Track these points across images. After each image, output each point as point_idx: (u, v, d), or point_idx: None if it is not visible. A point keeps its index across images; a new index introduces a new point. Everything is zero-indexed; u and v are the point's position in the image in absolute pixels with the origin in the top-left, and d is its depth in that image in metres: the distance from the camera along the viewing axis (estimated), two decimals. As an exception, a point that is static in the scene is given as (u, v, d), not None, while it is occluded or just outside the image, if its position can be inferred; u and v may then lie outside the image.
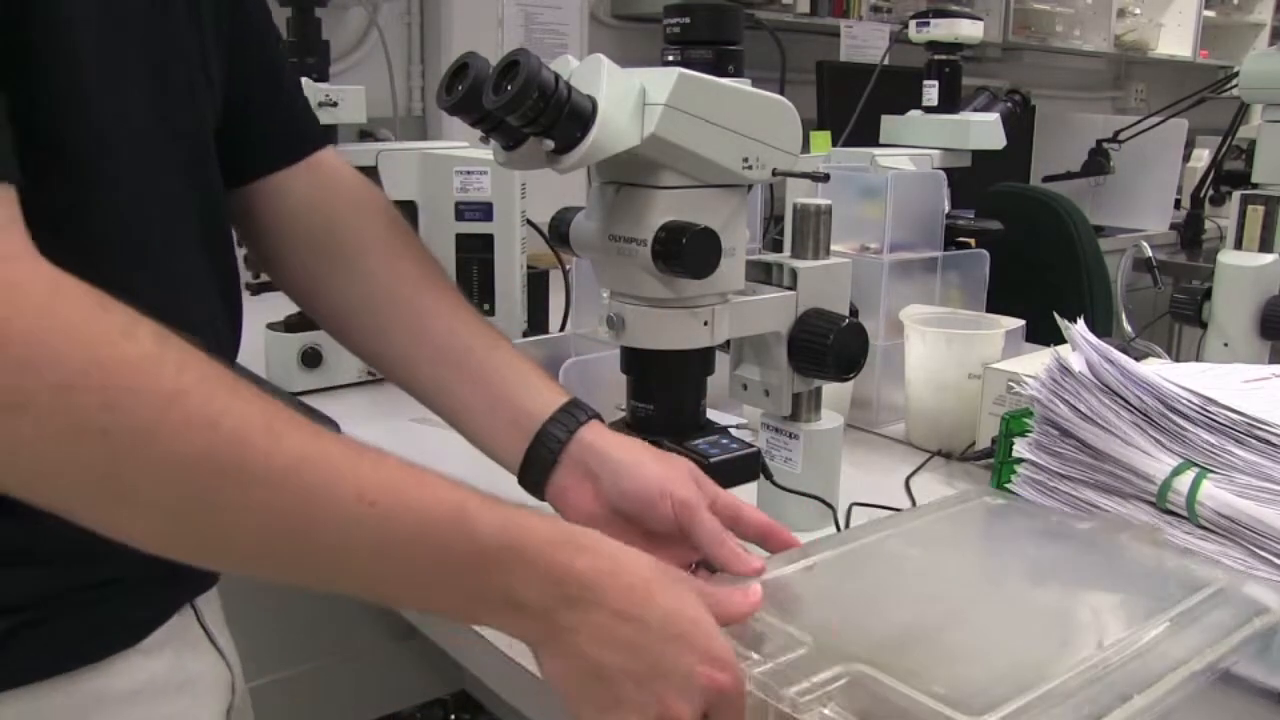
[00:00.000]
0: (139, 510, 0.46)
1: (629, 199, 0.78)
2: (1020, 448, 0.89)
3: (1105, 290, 2.16)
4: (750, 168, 0.79)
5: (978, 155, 1.57)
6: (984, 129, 1.56)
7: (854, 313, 0.91)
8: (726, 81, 0.78)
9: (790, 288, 0.88)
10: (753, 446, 0.84)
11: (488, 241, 1.40)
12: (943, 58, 1.59)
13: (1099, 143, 3.09)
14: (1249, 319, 1.36)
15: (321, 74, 1.37)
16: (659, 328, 0.81)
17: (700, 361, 0.84)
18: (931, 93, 1.59)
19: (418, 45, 2.34)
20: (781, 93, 0.81)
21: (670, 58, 0.91)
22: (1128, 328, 2.01)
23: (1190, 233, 3.08)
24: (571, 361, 1.13)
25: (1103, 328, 2.08)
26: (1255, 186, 1.39)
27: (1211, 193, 3.01)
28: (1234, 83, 1.86)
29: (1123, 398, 0.81)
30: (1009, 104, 1.66)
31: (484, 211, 1.39)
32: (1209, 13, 4.00)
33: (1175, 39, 3.96)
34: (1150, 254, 2.12)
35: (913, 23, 1.61)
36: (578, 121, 0.70)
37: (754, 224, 1.42)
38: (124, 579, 0.61)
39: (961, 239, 1.40)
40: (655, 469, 0.73)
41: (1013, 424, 0.96)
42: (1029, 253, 1.96)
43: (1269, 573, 0.72)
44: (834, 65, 2.66)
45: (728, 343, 0.87)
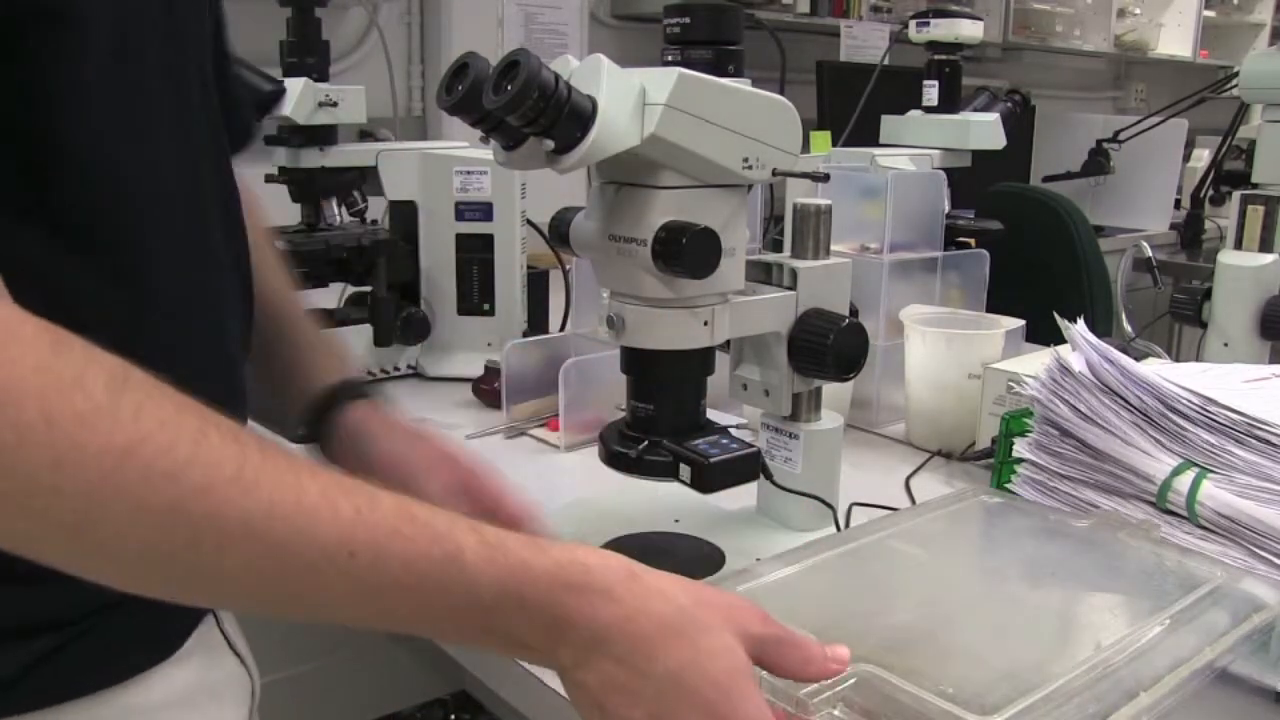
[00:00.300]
0: (108, 559, 0.45)
1: (629, 199, 0.78)
2: (1020, 448, 0.89)
3: (1105, 290, 2.16)
4: (750, 168, 0.79)
5: (978, 155, 1.57)
6: (984, 129, 1.56)
7: (854, 313, 0.91)
8: (726, 81, 0.78)
9: (790, 288, 0.88)
10: (753, 446, 0.84)
11: (488, 241, 1.40)
12: (943, 58, 1.59)
13: (1099, 143, 3.09)
14: (1249, 319, 1.36)
15: (321, 74, 1.37)
16: (659, 328, 0.81)
17: (700, 361, 0.84)
18: (931, 93, 1.59)
19: (418, 45, 2.34)
20: (781, 93, 0.81)
21: (670, 58, 0.91)
22: (1128, 328, 2.01)
23: (1190, 233, 3.08)
24: (571, 361, 1.13)
25: (1103, 328, 2.08)
26: (1255, 186, 1.39)
27: (1211, 193, 3.01)
28: (1234, 83, 1.86)
29: (1123, 398, 0.81)
30: (1009, 104, 1.66)
31: (484, 211, 1.39)
32: (1209, 13, 4.00)
33: (1175, 39, 3.96)
34: (1150, 254, 2.12)
35: (913, 23, 1.61)
36: (578, 121, 0.70)
37: (754, 224, 1.42)
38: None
39: (961, 239, 1.41)
40: (426, 466, 0.76)
41: (1013, 424, 0.96)
42: (1029, 253, 1.96)
43: (1269, 573, 0.72)
44: (834, 65, 2.66)
45: (728, 343, 0.87)
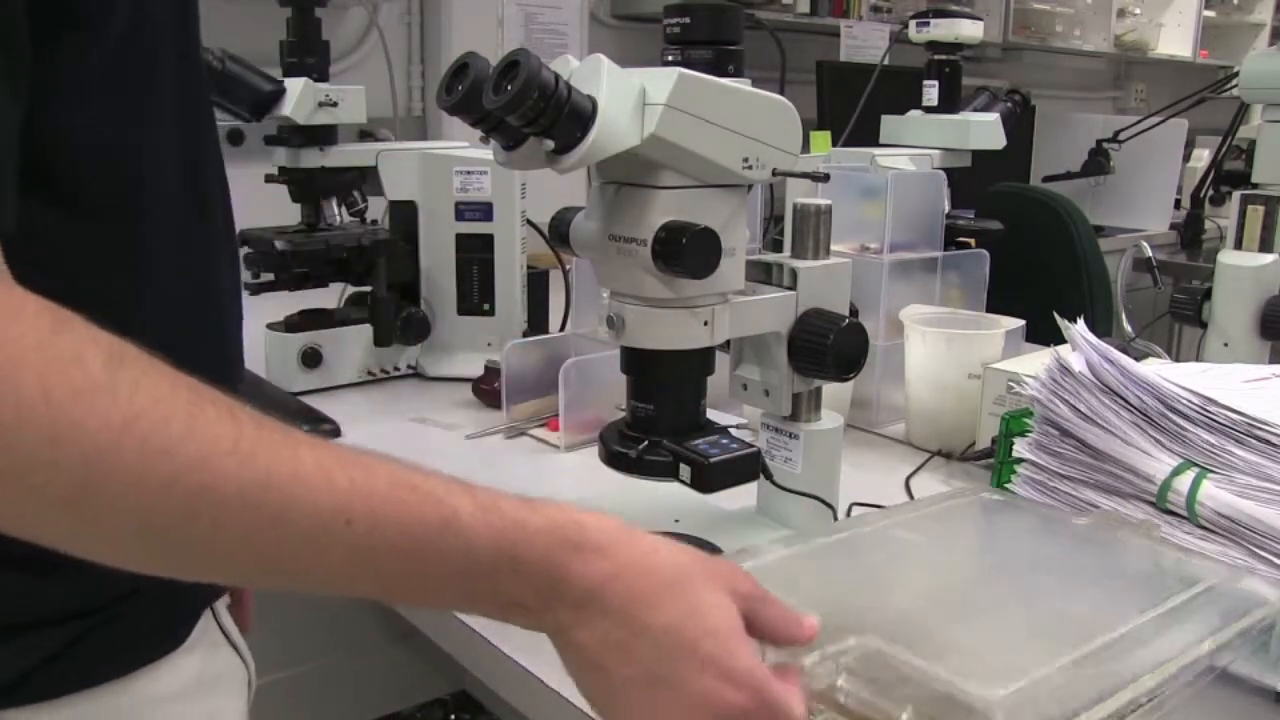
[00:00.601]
0: (108, 535, 0.45)
1: (629, 199, 0.78)
2: (1020, 448, 0.89)
3: (1105, 290, 2.16)
4: (750, 168, 0.79)
5: (978, 155, 1.57)
6: (984, 129, 1.56)
7: (854, 313, 0.91)
8: (726, 81, 0.78)
9: (790, 288, 0.88)
10: (753, 446, 0.84)
11: (488, 241, 1.40)
12: (943, 58, 1.59)
13: (1099, 143, 3.09)
14: (1249, 319, 1.36)
15: (321, 74, 1.37)
16: (659, 328, 0.81)
17: (700, 361, 0.84)
18: (931, 93, 1.59)
19: (418, 45, 2.34)
20: (781, 93, 0.81)
21: (670, 58, 0.91)
22: (1128, 328, 2.01)
23: (1190, 233, 3.08)
24: (571, 361, 1.13)
25: (1103, 328, 2.08)
26: (1255, 186, 1.39)
27: (1211, 193, 3.01)
28: (1234, 83, 1.86)
29: (1123, 398, 0.81)
30: (1009, 104, 1.66)
31: (484, 211, 1.39)
32: (1209, 13, 4.00)
33: (1175, 39, 3.96)
34: (1150, 254, 2.12)
35: (913, 23, 1.61)
36: (578, 121, 0.70)
37: (754, 224, 1.42)
38: (165, 582, 0.62)
39: (961, 239, 1.41)
40: None
41: (1013, 424, 0.96)
42: (1029, 253, 1.96)
43: (1269, 573, 0.72)
44: (834, 65, 2.66)
45: (728, 343, 0.87)
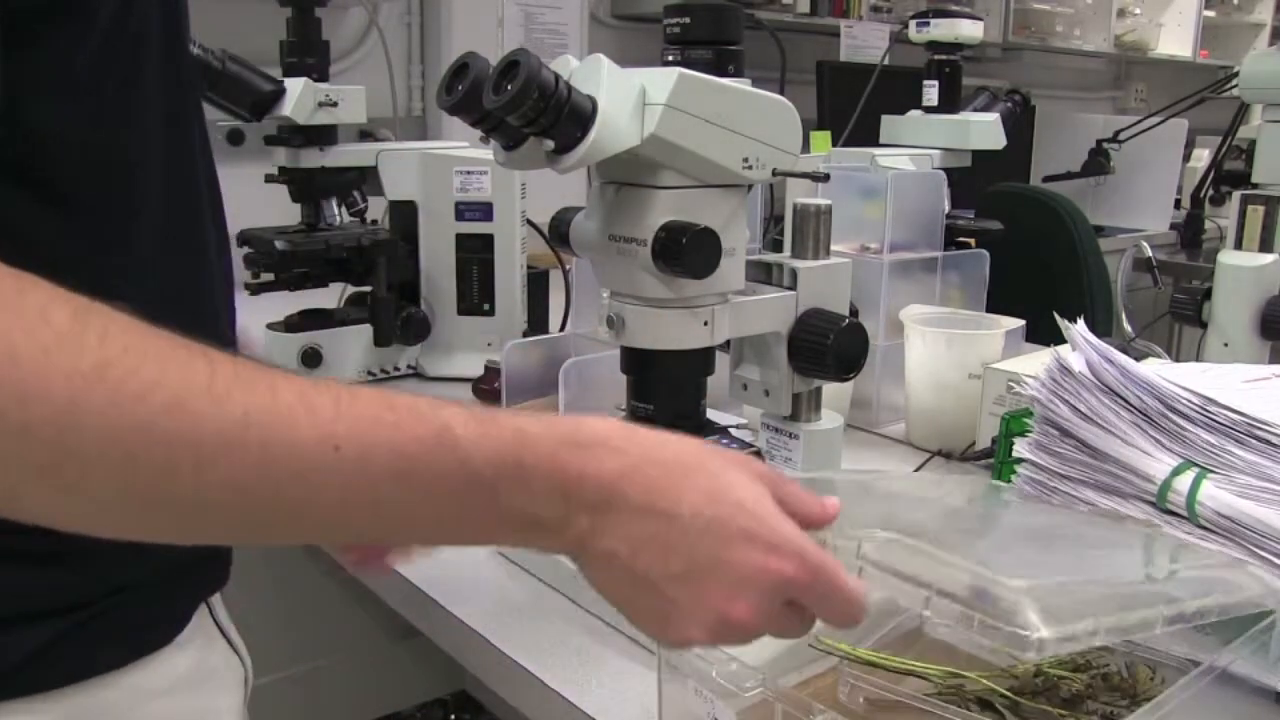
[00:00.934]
0: (89, 499, 0.43)
1: (629, 199, 0.78)
2: (1020, 448, 0.89)
3: (1105, 290, 2.16)
4: (750, 168, 0.79)
5: (978, 155, 1.57)
6: (984, 129, 1.56)
7: (854, 313, 0.91)
8: (726, 81, 0.78)
9: (790, 288, 0.88)
10: (753, 446, 0.84)
11: (488, 241, 1.40)
12: (943, 58, 1.59)
13: (1099, 143, 3.08)
14: (1249, 319, 1.36)
15: (321, 74, 1.37)
16: (659, 328, 0.81)
17: (700, 361, 0.84)
18: (931, 93, 1.59)
19: (418, 45, 2.34)
20: (781, 93, 0.81)
21: (670, 58, 0.91)
22: (1128, 328, 2.01)
23: (1190, 233, 3.08)
24: (571, 361, 1.13)
25: (1103, 328, 2.08)
26: (1255, 186, 1.39)
27: (1211, 193, 3.01)
28: (1234, 83, 1.86)
29: (1123, 398, 0.81)
30: (1009, 104, 1.66)
31: (484, 211, 1.39)
32: (1209, 13, 4.00)
33: (1175, 39, 3.96)
34: (1150, 254, 2.12)
35: (913, 23, 1.61)
36: (578, 121, 0.70)
37: (754, 224, 1.42)
38: (160, 575, 0.62)
39: (961, 239, 1.41)
40: None
41: (1013, 424, 0.96)
42: (1029, 253, 1.96)
43: (1270, 573, 0.72)
44: (834, 65, 2.66)
45: (728, 343, 0.87)
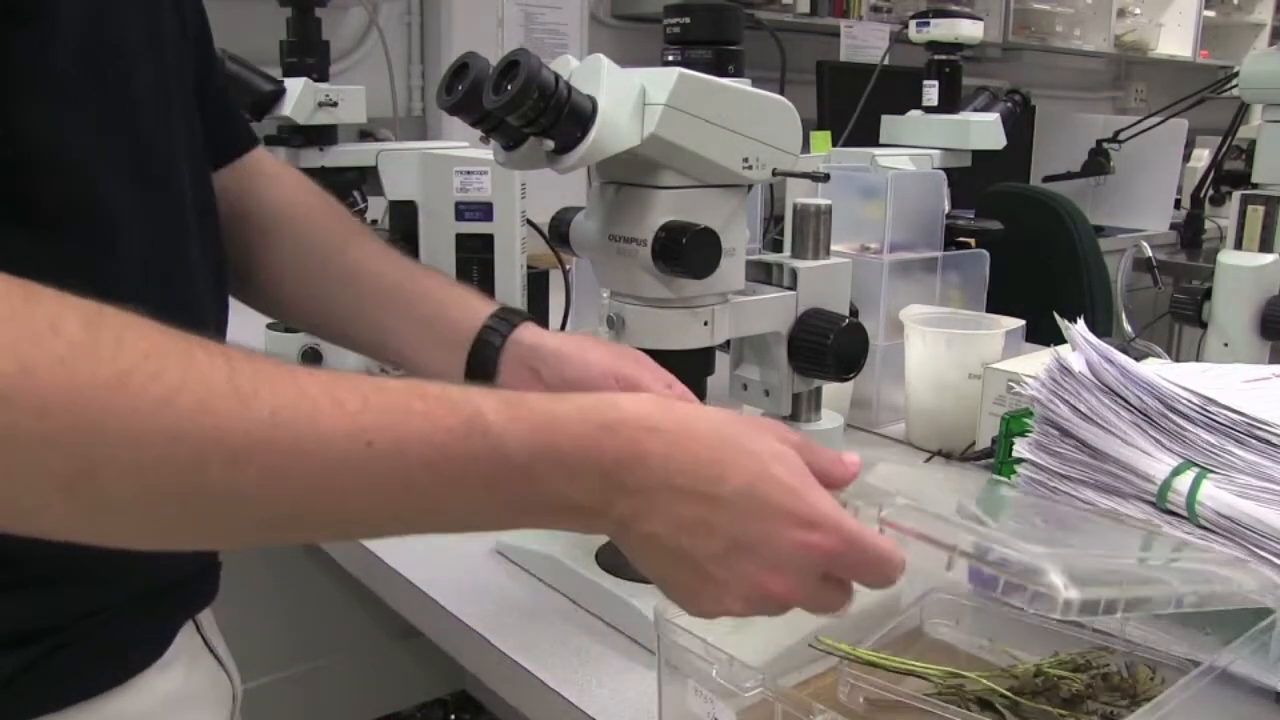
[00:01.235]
0: (121, 512, 0.41)
1: (629, 199, 0.78)
2: (1020, 448, 0.89)
3: (1105, 290, 2.16)
4: (750, 168, 0.79)
5: (978, 155, 1.57)
6: (984, 129, 1.56)
7: (854, 313, 0.91)
8: (726, 81, 0.78)
9: (790, 288, 0.88)
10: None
11: (488, 241, 1.40)
12: (943, 58, 1.59)
13: (1099, 143, 3.08)
14: (1249, 319, 1.36)
15: (321, 74, 1.37)
16: (659, 328, 0.81)
17: (700, 361, 0.84)
18: (931, 93, 1.59)
19: (418, 45, 2.34)
20: (781, 93, 0.81)
21: (670, 58, 0.91)
22: (1128, 328, 2.01)
23: (1190, 233, 3.08)
24: (571, 361, 1.13)
25: (1103, 328, 2.08)
26: (1255, 186, 1.39)
27: (1211, 193, 3.01)
28: (1234, 83, 1.86)
29: (1123, 398, 0.81)
30: (1009, 104, 1.66)
31: (484, 211, 1.39)
32: (1209, 13, 4.00)
33: (1175, 39, 3.96)
34: (1150, 254, 2.12)
35: (913, 23, 1.61)
36: (578, 121, 0.70)
37: (754, 224, 1.42)
38: (140, 597, 0.60)
39: (961, 239, 1.40)
40: (598, 354, 0.73)
41: (1013, 424, 0.96)
42: (1029, 253, 1.96)
43: (1270, 573, 0.72)
44: (834, 65, 2.66)
45: (728, 343, 0.87)
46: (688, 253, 0.75)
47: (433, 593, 0.85)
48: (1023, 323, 1.25)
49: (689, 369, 0.84)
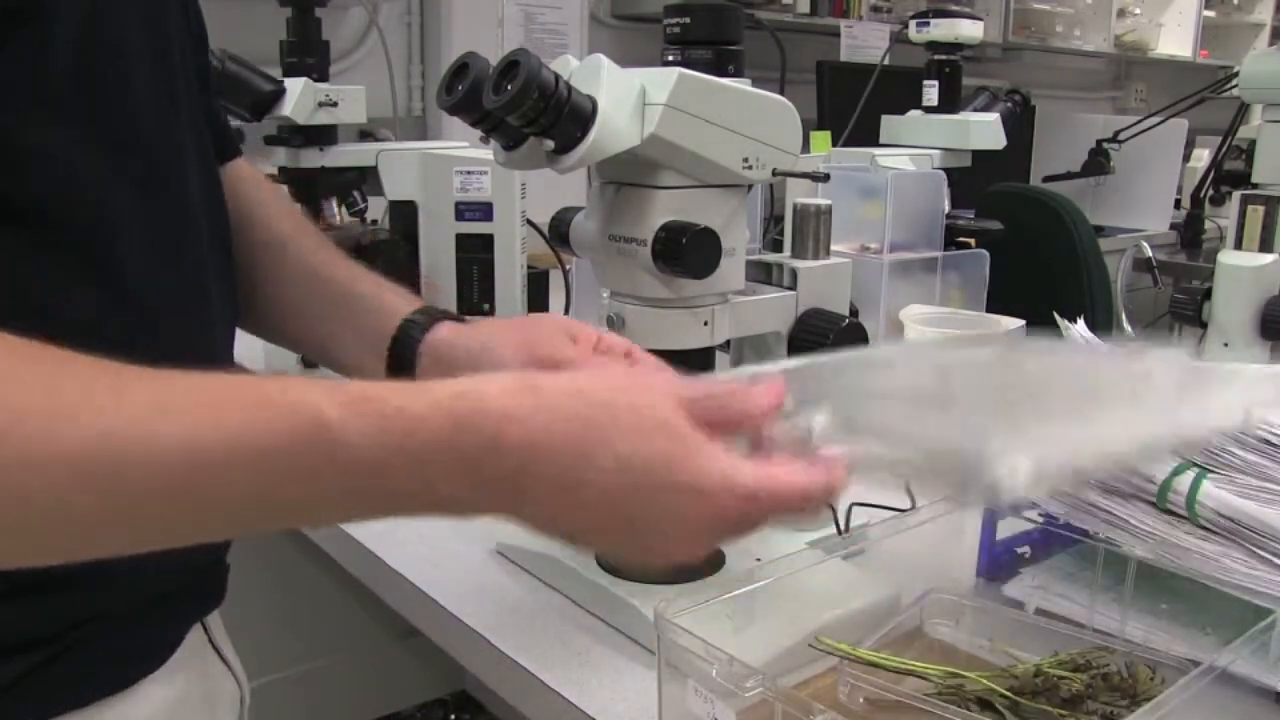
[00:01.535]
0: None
1: (629, 199, 0.78)
2: (1020, 448, 0.89)
3: (1105, 290, 2.16)
4: (750, 168, 0.79)
5: (978, 155, 1.57)
6: (984, 129, 1.56)
7: (854, 313, 0.91)
8: (726, 81, 0.78)
9: (790, 288, 0.88)
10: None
11: (488, 241, 1.40)
12: (943, 58, 1.59)
13: (1099, 143, 3.08)
14: (1249, 319, 1.36)
15: (321, 74, 1.37)
16: (659, 328, 0.81)
17: (700, 361, 0.84)
18: (931, 93, 1.59)
19: (418, 45, 2.34)
20: (781, 93, 0.81)
21: (670, 58, 0.91)
22: (1128, 328, 2.01)
23: (1190, 233, 3.08)
24: (571, 361, 1.13)
25: (1103, 328, 2.08)
26: (1255, 186, 1.39)
27: (1211, 193, 3.01)
28: (1234, 83, 1.86)
29: (1123, 398, 0.81)
30: (1009, 104, 1.66)
31: (484, 211, 1.39)
32: (1209, 13, 4.00)
33: (1175, 39, 3.96)
34: (1150, 254, 2.12)
35: (913, 23, 1.61)
36: (578, 121, 0.70)
37: (754, 224, 1.42)
38: (145, 603, 0.60)
39: (961, 239, 1.40)
40: (512, 339, 0.69)
41: (1013, 424, 0.96)
42: (1029, 253, 1.96)
43: (1270, 573, 0.72)
44: (834, 65, 2.66)
45: (728, 342, 0.87)
46: (688, 253, 0.75)
47: (433, 593, 0.85)
48: (1023, 323, 1.25)
49: (689, 369, 0.84)
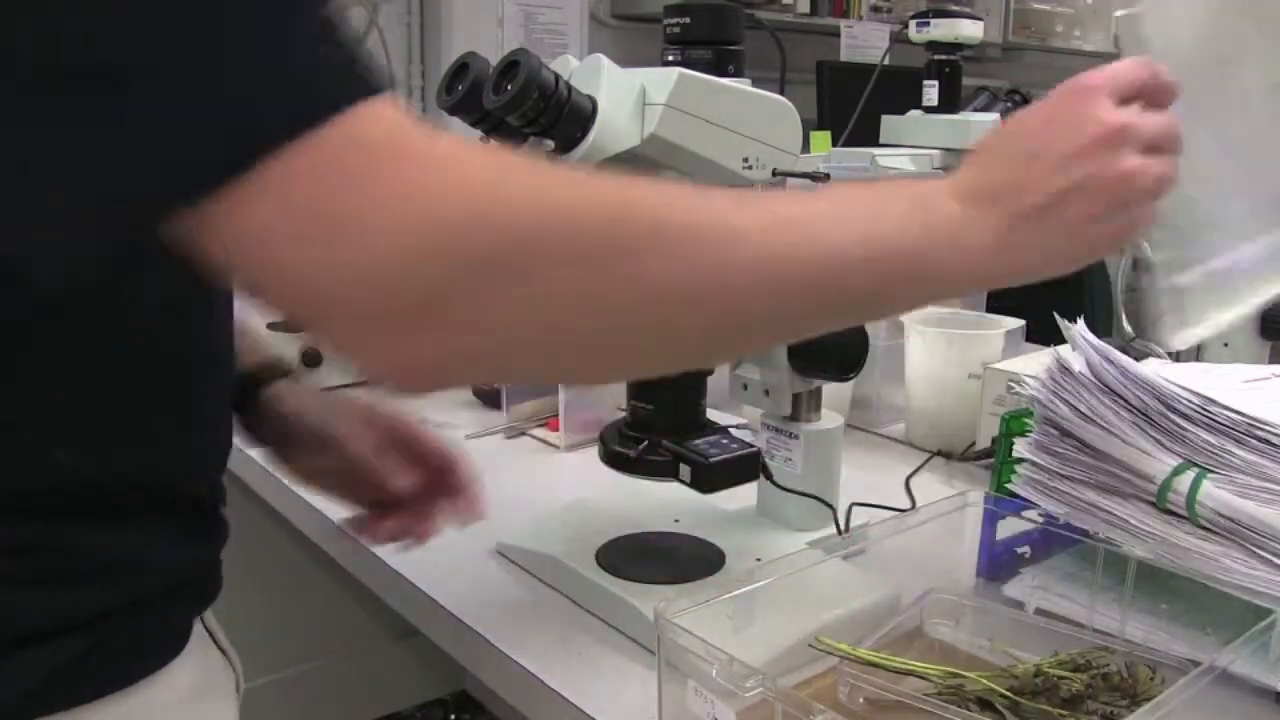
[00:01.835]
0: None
1: (629, 199, 0.78)
2: (1020, 448, 0.89)
3: (1105, 290, 2.16)
4: (750, 168, 0.79)
5: (978, 155, 1.57)
6: (984, 129, 1.55)
7: (854, 313, 0.91)
8: (726, 81, 0.78)
9: (790, 288, 0.88)
10: (753, 446, 0.84)
11: (488, 241, 1.40)
12: (943, 58, 1.59)
13: (1099, 143, 3.08)
14: (1249, 319, 1.36)
15: (321, 74, 1.37)
16: (659, 328, 0.81)
17: (700, 362, 0.84)
18: (931, 93, 1.59)
19: (418, 45, 2.35)
20: (781, 93, 0.81)
21: (670, 58, 0.91)
22: (1128, 328, 2.01)
23: (1190, 233, 3.08)
24: (571, 361, 1.13)
25: (1103, 328, 2.07)
26: (1255, 186, 1.39)
27: (1211, 193, 3.01)
28: (1234, 83, 1.86)
29: (1123, 398, 0.81)
30: (1009, 104, 1.66)
31: (484, 211, 1.39)
32: (1209, 13, 4.00)
33: (1175, 39, 3.95)
34: (1150, 254, 2.11)
35: (913, 23, 1.61)
36: (578, 121, 0.70)
37: (754, 224, 1.41)
38: (166, 591, 0.62)
39: (961, 239, 1.40)
40: (313, 418, 0.80)
41: (1013, 424, 0.96)
42: (1029, 253, 1.96)
43: (1270, 573, 0.72)
44: (834, 65, 2.66)
45: (728, 343, 0.86)
46: (688, 253, 0.75)
47: (433, 593, 0.85)
48: (1023, 323, 1.25)
49: (689, 369, 0.84)
